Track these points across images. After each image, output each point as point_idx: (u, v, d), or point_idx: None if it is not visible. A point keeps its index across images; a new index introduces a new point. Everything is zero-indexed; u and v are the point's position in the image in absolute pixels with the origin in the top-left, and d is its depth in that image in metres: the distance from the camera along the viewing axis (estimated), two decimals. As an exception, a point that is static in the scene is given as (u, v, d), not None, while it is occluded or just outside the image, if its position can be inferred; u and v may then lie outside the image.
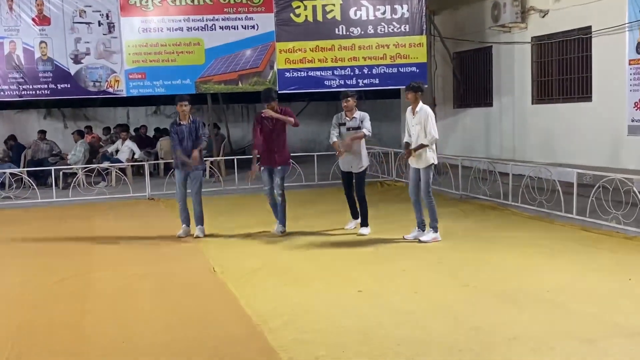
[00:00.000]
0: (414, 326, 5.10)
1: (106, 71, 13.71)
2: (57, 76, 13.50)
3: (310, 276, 6.68)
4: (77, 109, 19.90)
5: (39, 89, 13.43)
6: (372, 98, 20.62)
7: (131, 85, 13.87)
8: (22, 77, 13.34)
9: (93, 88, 13.72)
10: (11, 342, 5.02)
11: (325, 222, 9.64)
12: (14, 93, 13.39)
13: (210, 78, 14.06)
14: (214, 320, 5.43)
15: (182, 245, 8.46)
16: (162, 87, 13.99)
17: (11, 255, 8.26)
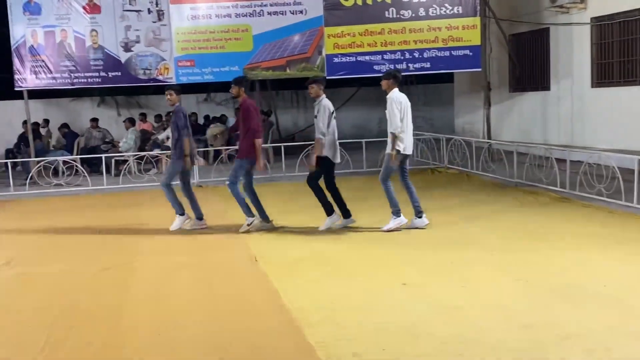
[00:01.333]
0: (461, 323, 4.85)
1: (156, 59, 13.75)
2: (107, 64, 13.59)
3: (353, 268, 6.48)
4: (130, 97, 20.10)
5: (90, 77, 13.54)
6: (424, 82, 20.17)
7: (180, 73, 13.87)
8: (73, 65, 13.47)
9: (143, 76, 13.77)
10: (49, 330, 5.02)
11: (371, 211, 9.40)
12: (66, 81, 13.55)
13: (259, 64, 13.94)
14: (253, 312, 5.29)
15: (226, 234, 8.36)
16: (211, 74, 13.96)
17: (59, 243, 8.32)
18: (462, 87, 18.42)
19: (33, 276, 6.73)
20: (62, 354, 4.59)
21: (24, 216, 10.14)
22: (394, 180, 8.28)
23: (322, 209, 8.45)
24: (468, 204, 9.63)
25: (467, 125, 17.97)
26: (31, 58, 13.39)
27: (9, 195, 12.13)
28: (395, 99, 8.06)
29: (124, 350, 4.62)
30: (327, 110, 8.41)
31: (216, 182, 12.57)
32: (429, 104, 20.57)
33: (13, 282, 6.54)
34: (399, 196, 8.27)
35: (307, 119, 20.87)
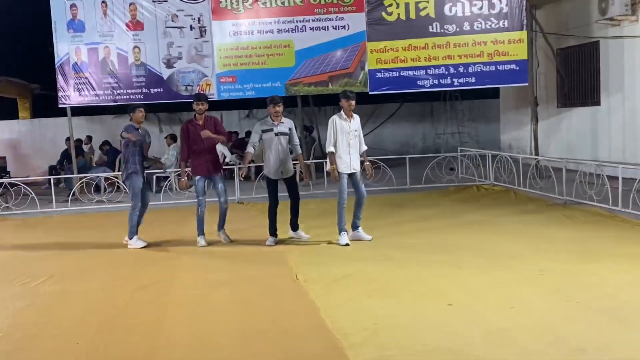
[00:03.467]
0: (510, 345, 4.60)
1: (198, 75, 13.76)
2: (150, 81, 13.67)
3: (397, 287, 6.24)
4: (172, 113, 20.24)
5: (132, 93, 13.62)
6: (468, 98, 19.83)
7: (222, 89, 13.86)
8: (116, 82, 13.58)
9: (185, 92, 13.79)
10: (87, 346, 4.96)
11: (416, 228, 9.18)
12: (109, 98, 13.65)
13: (300, 80, 13.84)
14: (293, 332, 5.11)
15: (266, 251, 8.22)
16: (253, 90, 13.91)
17: (99, 259, 8.29)
18: (508, 102, 18.05)
19: (73, 292, 6.69)
20: (97, 373, 4.48)
21: (66, 232, 10.17)
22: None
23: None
24: (515, 222, 9.31)
25: (513, 141, 17.58)
26: (74, 75, 13.54)
27: (52, 212, 12.23)
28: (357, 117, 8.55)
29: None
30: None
31: (257, 199, 12.48)
32: (474, 120, 20.23)
33: (54, 298, 6.49)
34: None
35: (349, 136, 20.71)
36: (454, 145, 18.11)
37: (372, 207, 11.12)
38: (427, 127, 20.78)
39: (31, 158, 19.39)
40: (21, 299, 6.41)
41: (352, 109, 8.42)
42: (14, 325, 5.58)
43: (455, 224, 9.40)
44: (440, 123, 19.44)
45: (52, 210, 12.30)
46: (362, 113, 20.18)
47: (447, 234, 8.71)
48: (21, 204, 12.51)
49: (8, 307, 6.14)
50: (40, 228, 10.74)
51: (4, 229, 10.84)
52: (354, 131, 8.40)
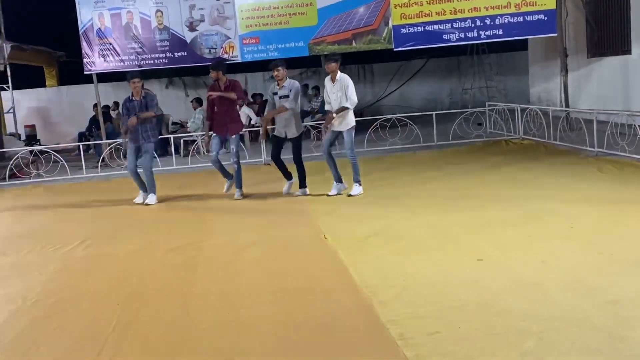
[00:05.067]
0: (541, 299, 4.56)
1: (221, 37, 13.70)
2: (173, 44, 13.63)
3: (426, 244, 6.21)
4: (197, 77, 20.20)
5: (156, 58, 13.62)
6: (496, 51, 19.43)
7: (245, 51, 13.78)
8: (140, 47, 13.57)
9: (209, 55, 13.73)
10: (120, 309, 5.01)
11: (444, 185, 9.10)
12: (134, 64, 13.65)
13: (324, 39, 13.69)
14: (323, 291, 5.12)
15: (294, 211, 8.23)
16: (276, 50, 13.79)
17: (130, 224, 8.38)
18: (537, 54, 17.67)
19: (105, 256, 6.77)
20: (132, 333, 4.55)
21: (97, 198, 10.27)
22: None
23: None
24: (546, 176, 9.18)
25: (542, 94, 17.25)
26: (99, 41, 13.55)
27: (82, 178, 12.37)
28: (348, 79, 8.59)
29: (193, 329, 4.54)
30: (299, 89, 8.93)
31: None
32: (502, 74, 19.83)
33: (86, 262, 6.59)
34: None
35: (375, 94, 20.53)
36: (481, 100, 17.82)
37: (398, 165, 11.09)
38: (454, 83, 20.47)
39: (60, 125, 19.57)
40: (53, 264, 6.51)
41: (331, 70, 8.58)
42: (47, 290, 5.68)
43: (484, 179, 9.30)
44: (467, 78, 19.10)
45: (82, 176, 12.44)
46: (386, 71, 20.20)
47: (475, 189, 8.63)
48: (52, 171, 12.68)
49: (41, 273, 6.24)
50: (71, 194, 10.86)
51: (35, 196, 11.00)
52: (337, 91, 8.57)
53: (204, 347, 4.22)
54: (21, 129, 17.74)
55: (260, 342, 4.23)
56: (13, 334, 4.69)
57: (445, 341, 3.98)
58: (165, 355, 4.16)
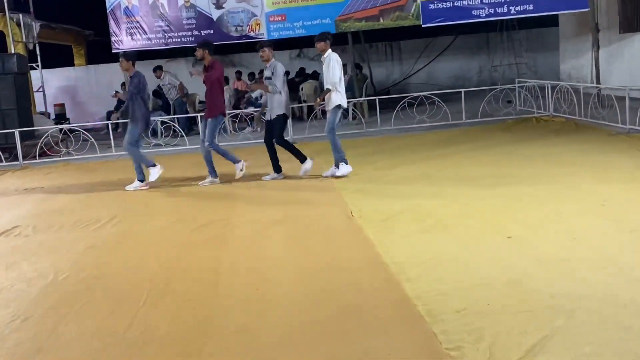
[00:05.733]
0: (570, 277, 4.50)
1: (247, 15, 13.66)
2: (200, 23, 13.63)
3: (454, 222, 6.15)
4: (224, 55, 20.19)
5: (183, 36, 13.64)
6: (526, 27, 19.09)
7: (272, 28, 13.73)
8: (167, 25, 13.59)
9: (235, 33, 13.73)
10: (149, 285, 5.05)
11: (472, 162, 9.02)
12: (160, 42, 13.69)
13: (351, 15, 13.59)
14: (349, 268, 5.11)
15: (321, 189, 8.22)
16: (303, 28, 13.74)
17: (158, 200, 8.45)
18: (568, 30, 17.33)
19: (134, 233, 6.84)
20: (161, 309, 4.59)
21: (126, 176, 10.32)
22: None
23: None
24: (576, 153, 9.04)
25: (573, 70, 16.95)
26: (126, 19, 13.59)
27: (111, 156, 12.48)
28: (335, 58, 8.51)
29: (221, 305, 4.57)
30: (282, 70, 8.79)
31: (311, 138, 12.44)
32: (532, 50, 19.52)
33: (115, 239, 6.66)
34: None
35: (402, 71, 20.34)
36: (511, 77, 17.57)
37: (426, 143, 11.01)
38: (483, 60, 20.20)
39: (88, 104, 19.75)
40: (83, 241, 6.58)
41: (320, 49, 8.62)
42: (78, 267, 5.75)
43: (514, 156, 9.19)
44: (497, 54, 18.82)
45: (111, 154, 12.55)
46: (414, 47, 19.97)
47: (504, 166, 8.53)
48: (81, 149, 12.81)
49: (71, 249, 6.32)
50: (100, 172, 10.98)
51: (65, 173, 11.13)
52: (325, 69, 8.59)
53: (231, 323, 4.24)
54: (50, 107, 17.93)
55: (286, 318, 4.24)
56: (44, 308, 4.76)
57: (473, 318, 3.96)
58: (193, 330, 4.18)
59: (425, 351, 3.63)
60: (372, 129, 12.87)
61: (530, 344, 3.55)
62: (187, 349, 3.93)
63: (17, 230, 7.19)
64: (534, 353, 3.47)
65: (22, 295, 5.07)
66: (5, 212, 8.26)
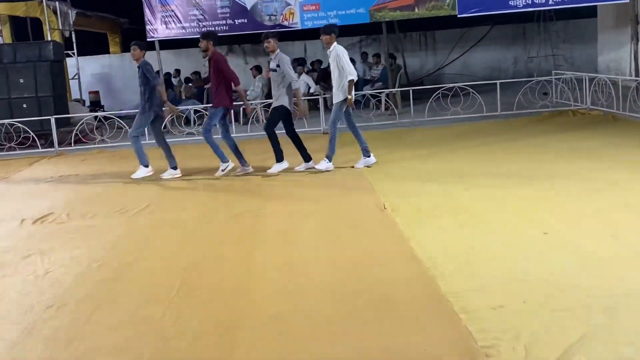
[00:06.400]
0: (609, 275, 4.40)
1: (281, 4, 13.60)
2: (234, 11, 13.62)
3: (488, 216, 6.06)
4: (257, 44, 20.16)
5: (217, 25, 13.62)
6: (564, 18, 18.74)
7: (305, 17, 13.66)
8: (201, 13, 13.60)
9: (269, 22, 13.68)
10: (182, 277, 5.05)
11: (507, 155, 8.88)
12: (195, 31, 13.69)
13: (385, 5, 13.44)
14: (382, 261, 5.07)
15: (352, 180, 8.16)
16: (337, 17, 13.62)
17: (190, 190, 8.48)
18: (607, 21, 16.96)
19: (167, 221, 6.87)
20: (194, 298, 4.60)
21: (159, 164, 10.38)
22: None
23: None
24: (614, 148, 8.85)
25: (612, 63, 16.60)
26: (161, 8, 13.64)
27: (145, 144, 12.49)
28: (342, 50, 8.52)
29: (253, 296, 4.57)
30: (289, 60, 8.79)
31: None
32: (569, 41, 19.15)
33: (149, 227, 6.70)
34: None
35: (436, 62, 20.13)
36: (546, 69, 17.29)
37: (460, 135, 10.88)
38: (519, 51, 19.88)
39: (122, 92, 19.89)
40: (117, 229, 6.65)
41: (326, 42, 8.60)
42: (112, 254, 5.80)
43: (550, 150, 9.04)
44: (533, 46, 18.52)
45: (144, 142, 12.56)
46: (449, 37, 19.75)
47: (540, 161, 8.39)
48: (115, 137, 12.91)
49: (106, 237, 6.38)
50: (134, 160, 10.99)
51: (99, 161, 11.24)
52: (332, 63, 8.55)
53: (263, 314, 4.23)
54: (85, 95, 18.12)
55: (320, 310, 4.22)
56: (79, 296, 4.81)
57: (509, 315, 3.89)
58: (225, 320, 4.19)
59: (460, 348, 3.58)
60: (405, 120, 12.76)
61: (568, 344, 3.48)
62: (221, 339, 3.93)
63: (52, 217, 7.27)
64: (571, 353, 3.40)
65: (58, 283, 5.13)
66: (40, 199, 8.37)
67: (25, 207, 7.88)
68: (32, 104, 13.05)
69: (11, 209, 7.83)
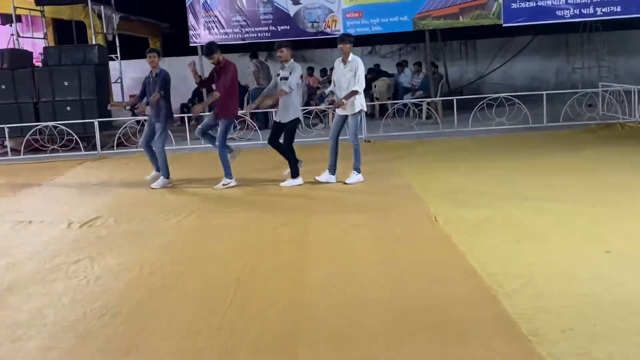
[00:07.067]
0: (684, 299, 4.20)
1: (324, 11, 13.56)
2: (277, 18, 13.60)
3: (545, 232, 5.88)
4: (296, 50, 20.07)
5: (260, 31, 13.63)
6: (609, 29, 18.37)
7: (348, 25, 13.59)
8: (244, 20, 13.60)
9: (311, 29, 13.64)
10: (234, 287, 4.95)
11: (556, 168, 8.68)
12: (237, 36, 13.72)
13: (429, 13, 13.32)
14: (441, 277, 4.92)
15: (399, 191, 8.02)
16: (379, 25, 13.56)
17: (235, 196, 8.41)
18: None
19: (215, 228, 6.80)
20: (249, 310, 4.50)
21: (202, 168, 10.39)
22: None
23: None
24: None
25: (659, 75, 16.24)
26: (204, 14, 13.68)
27: (186, 149, 12.57)
28: (360, 61, 8.46)
29: (309, 310, 4.45)
30: (300, 72, 8.70)
31: (384, 137, 12.27)
32: (614, 53, 18.77)
33: (197, 233, 6.65)
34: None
35: (476, 71, 19.89)
36: (590, 80, 16.97)
37: (507, 146, 10.69)
38: (561, 61, 19.53)
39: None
40: (166, 234, 6.59)
41: (345, 51, 8.41)
42: (162, 260, 5.74)
43: (600, 163, 8.82)
44: (577, 56, 18.19)
45: (186, 147, 12.65)
46: (490, 47, 19.49)
47: (591, 175, 8.17)
48: (157, 141, 12.89)
49: (154, 242, 6.32)
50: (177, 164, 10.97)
51: (142, 165, 11.21)
52: (348, 73, 8.39)
53: (321, 330, 4.10)
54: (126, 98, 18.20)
55: (379, 328, 4.08)
56: (132, 303, 4.74)
57: (581, 340, 3.72)
58: (284, 334, 4.07)
59: (534, 374, 3.43)
60: (448, 129, 12.59)
61: (649, 372, 3.32)
62: (280, 355, 3.82)
63: (99, 221, 7.25)
64: (653, 383, 3.23)
65: (109, 289, 5.07)
66: (85, 202, 8.38)
67: (71, 210, 7.89)
68: (75, 107, 13.13)
69: (58, 212, 7.84)
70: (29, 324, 4.43)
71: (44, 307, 4.75)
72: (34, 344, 4.13)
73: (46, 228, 7.10)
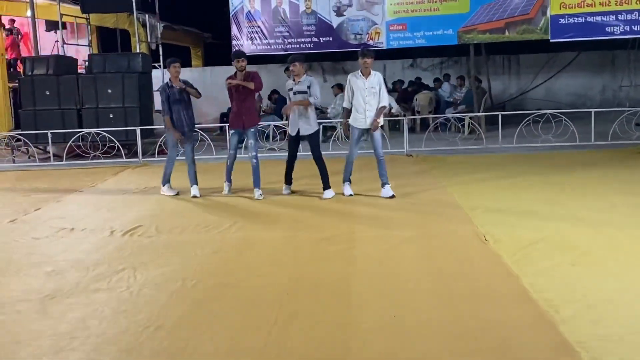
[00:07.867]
0: None
1: (367, 23, 13.47)
2: (320, 29, 13.55)
3: (601, 255, 5.65)
4: (336, 62, 20.07)
5: (302, 42, 13.60)
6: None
7: (391, 37, 13.49)
8: (287, 30, 13.59)
9: (354, 41, 13.56)
10: (279, 304, 4.83)
11: (608, 188, 8.40)
12: (279, 47, 13.71)
13: (475, 27, 13.13)
14: (493, 299, 4.74)
15: (445, 208, 7.82)
16: (423, 38, 13.41)
17: (285, 207, 8.28)
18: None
19: (258, 240, 6.70)
20: (295, 328, 4.37)
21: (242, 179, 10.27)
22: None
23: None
24: None
25: None
26: (247, 24, 13.70)
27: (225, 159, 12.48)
28: (381, 76, 8.48)
29: (358, 330, 4.30)
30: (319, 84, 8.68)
31: (426, 152, 12.08)
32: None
33: (240, 245, 6.54)
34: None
35: (519, 86, 19.59)
36: (637, 98, 16.56)
37: (555, 165, 10.42)
38: (607, 78, 19.14)
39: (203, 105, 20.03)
40: (208, 245, 6.50)
41: (367, 66, 8.28)
42: (205, 272, 5.65)
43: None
44: (624, 74, 17.78)
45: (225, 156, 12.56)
46: (534, 62, 19.18)
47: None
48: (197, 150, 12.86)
49: (197, 254, 6.23)
50: (218, 174, 10.98)
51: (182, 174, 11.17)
52: (370, 88, 8.33)
53: (372, 352, 3.96)
54: (168, 107, 18.32)
55: (432, 352, 3.93)
56: (175, 317, 4.64)
57: (648, 373, 3.52)
58: (331, 355, 3.94)
59: (600, 408, 3.23)
60: (492, 145, 12.34)
61: None
62: (330, 377, 3.69)
63: (141, 230, 7.21)
64: None
65: (152, 301, 5.00)
66: (127, 210, 8.36)
67: (113, 218, 7.87)
68: (118, 114, 13.22)
69: (100, 219, 7.83)
70: (71, 335, 4.36)
71: (87, 317, 4.68)
72: (78, 356, 4.06)
73: (88, 235, 7.08)
